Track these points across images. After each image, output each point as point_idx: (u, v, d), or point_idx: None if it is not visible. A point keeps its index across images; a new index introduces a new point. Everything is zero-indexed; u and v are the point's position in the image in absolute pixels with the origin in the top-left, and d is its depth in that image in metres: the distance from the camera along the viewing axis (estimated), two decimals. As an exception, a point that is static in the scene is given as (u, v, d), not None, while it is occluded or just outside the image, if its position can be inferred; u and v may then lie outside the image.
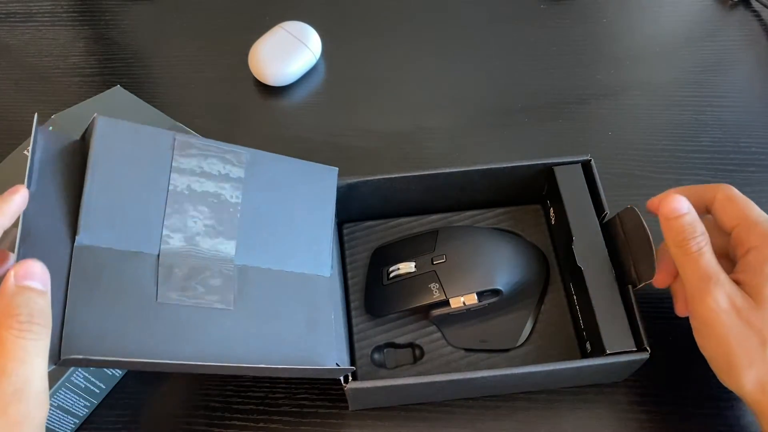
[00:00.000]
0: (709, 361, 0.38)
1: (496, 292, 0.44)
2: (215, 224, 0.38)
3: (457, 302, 0.43)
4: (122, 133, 0.36)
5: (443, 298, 0.43)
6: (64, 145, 0.36)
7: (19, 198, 0.32)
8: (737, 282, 0.37)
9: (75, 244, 0.35)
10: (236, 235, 0.39)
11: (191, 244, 0.37)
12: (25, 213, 0.33)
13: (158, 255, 0.36)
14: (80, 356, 0.32)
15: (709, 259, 0.37)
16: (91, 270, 0.34)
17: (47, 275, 0.30)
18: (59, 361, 0.32)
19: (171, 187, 0.37)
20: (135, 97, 0.52)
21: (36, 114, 0.35)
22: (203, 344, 0.36)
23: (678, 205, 0.38)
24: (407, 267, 0.45)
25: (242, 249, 0.39)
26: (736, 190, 0.40)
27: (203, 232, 0.38)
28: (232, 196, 0.39)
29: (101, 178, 0.36)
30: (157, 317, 0.35)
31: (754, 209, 0.39)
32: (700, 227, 0.38)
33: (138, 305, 0.35)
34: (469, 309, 0.44)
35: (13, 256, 0.32)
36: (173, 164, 0.38)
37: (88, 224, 0.35)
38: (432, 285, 0.44)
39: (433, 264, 0.44)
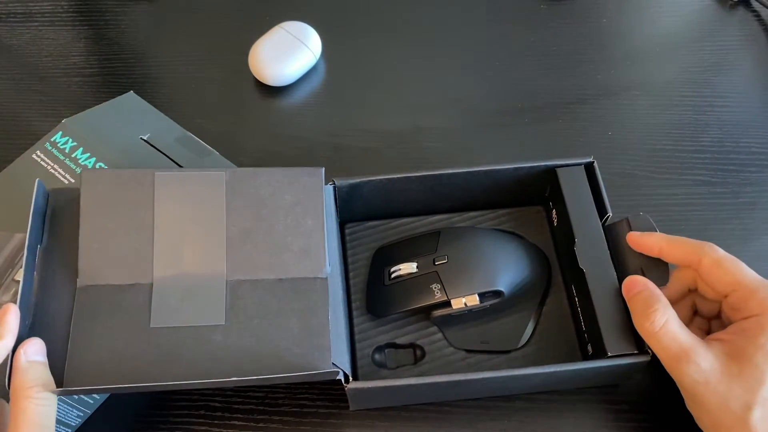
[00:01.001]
0: (697, 423, 0.38)
1: (497, 294, 0.44)
2: (203, 246, 0.40)
3: (458, 303, 0.43)
4: (106, 181, 0.40)
5: (445, 298, 0.43)
6: (71, 197, 0.40)
7: (12, 318, 0.35)
8: (722, 340, 0.37)
9: (77, 286, 0.39)
10: (225, 254, 0.40)
11: (181, 269, 0.40)
12: (37, 265, 0.38)
13: (151, 284, 0.39)
14: (77, 387, 0.36)
15: (673, 335, 0.37)
16: (91, 307, 0.38)
17: (44, 347, 0.36)
18: (59, 391, 0.35)
19: (156, 220, 0.40)
20: (147, 103, 0.52)
21: (38, 179, 0.39)
22: (196, 362, 0.38)
23: (635, 282, 0.39)
24: (409, 267, 0.45)
25: (232, 265, 0.40)
26: (721, 251, 0.39)
27: (192, 256, 0.40)
28: (216, 218, 0.41)
29: (92, 224, 0.39)
30: (150, 342, 0.38)
31: (747, 272, 0.38)
32: (659, 301, 0.38)
33: (133, 333, 0.38)
34: (471, 310, 0.44)
35: (14, 307, 0.35)
36: (155, 198, 0.40)
37: (85, 267, 0.39)
38: (433, 285, 0.44)
39: (434, 264, 0.44)
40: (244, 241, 0.40)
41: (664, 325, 0.37)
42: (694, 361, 0.36)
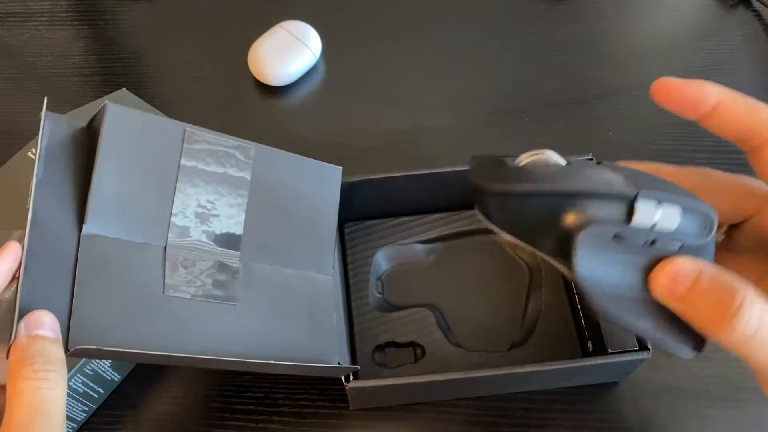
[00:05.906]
0: None
1: None
2: (223, 218, 0.38)
3: None
4: (132, 122, 0.36)
5: None
6: (73, 131, 0.35)
7: (10, 258, 0.30)
8: None
9: (82, 233, 0.34)
10: (242, 231, 0.38)
11: (198, 238, 0.37)
12: (34, 200, 0.32)
13: (165, 247, 0.36)
14: (90, 347, 0.31)
15: None
16: (98, 260, 0.34)
17: (57, 323, 0.30)
18: (68, 351, 0.31)
19: (180, 179, 0.37)
20: (141, 100, 0.52)
21: (45, 98, 0.34)
22: (209, 338, 0.35)
23: (680, 268, 0.26)
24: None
25: (248, 245, 0.38)
26: None
27: (211, 226, 0.37)
28: (239, 191, 0.39)
29: (111, 166, 0.35)
30: (163, 310, 0.35)
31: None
32: (738, 288, 0.25)
33: (145, 298, 0.34)
34: None
35: (19, 246, 0.31)
36: (183, 156, 0.37)
37: (96, 213, 0.34)
38: None
39: None
40: (262, 224, 0.39)
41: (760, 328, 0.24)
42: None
